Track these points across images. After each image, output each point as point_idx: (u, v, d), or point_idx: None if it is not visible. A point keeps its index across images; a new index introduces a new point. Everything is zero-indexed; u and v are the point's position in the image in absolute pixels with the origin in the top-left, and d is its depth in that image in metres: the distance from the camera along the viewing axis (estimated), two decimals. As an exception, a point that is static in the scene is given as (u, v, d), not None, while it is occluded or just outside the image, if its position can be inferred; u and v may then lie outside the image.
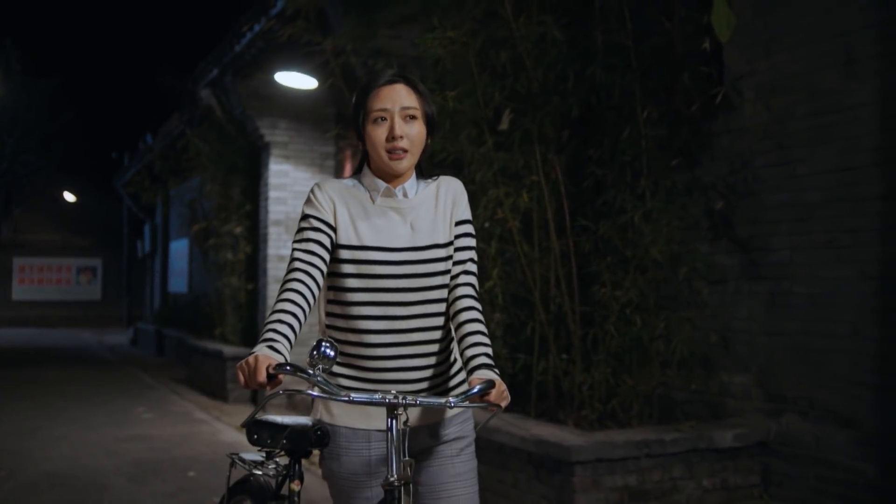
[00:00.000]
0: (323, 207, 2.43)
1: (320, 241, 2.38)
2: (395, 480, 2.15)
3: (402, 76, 2.46)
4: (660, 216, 5.22)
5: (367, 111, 2.41)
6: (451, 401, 2.19)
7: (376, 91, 2.42)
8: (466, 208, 2.56)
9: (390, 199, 2.46)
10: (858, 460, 4.70)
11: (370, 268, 2.40)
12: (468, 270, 2.51)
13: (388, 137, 2.38)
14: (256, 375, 2.08)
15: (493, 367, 2.35)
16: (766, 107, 5.26)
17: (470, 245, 2.54)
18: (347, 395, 2.14)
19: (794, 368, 5.07)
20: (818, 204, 4.93)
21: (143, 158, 18.26)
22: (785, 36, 5.16)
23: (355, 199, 2.46)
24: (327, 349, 2.09)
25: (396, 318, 2.41)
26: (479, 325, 2.43)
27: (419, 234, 2.45)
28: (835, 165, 4.84)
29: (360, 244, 2.40)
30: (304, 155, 10.94)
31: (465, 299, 2.47)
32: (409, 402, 2.16)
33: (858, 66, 4.74)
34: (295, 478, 2.66)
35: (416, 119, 2.42)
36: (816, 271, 4.93)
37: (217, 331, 12.62)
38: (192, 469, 7.06)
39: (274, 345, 2.19)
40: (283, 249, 10.92)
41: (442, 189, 2.53)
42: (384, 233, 2.42)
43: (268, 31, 8.07)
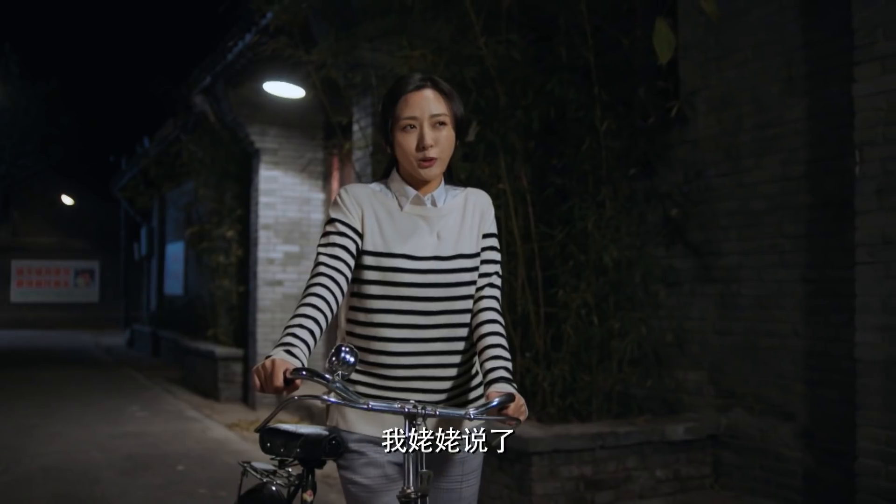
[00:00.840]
0: (350, 212, 2.40)
1: (346, 246, 2.36)
2: (412, 492, 2.13)
3: (430, 80, 2.43)
4: (612, 223, 5.54)
5: (395, 118, 2.39)
6: (471, 412, 2.16)
7: (405, 98, 2.38)
8: (493, 222, 2.55)
9: (419, 207, 2.45)
10: (797, 451, 5.03)
11: (394, 275, 2.38)
12: (493, 284, 2.51)
13: (417, 146, 2.36)
14: (273, 380, 2.04)
15: (512, 382, 2.32)
16: (717, 120, 5.59)
17: (496, 259, 2.53)
18: (366, 402, 2.10)
19: (741, 366, 5.40)
20: (763, 211, 5.26)
21: (140, 163, 18.54)
22: (734, 53, 5.50)
23: (382, 205, 2.43)
24: (347, 355, 2.05)
25: (419, 326, 2.39)
26: (500, 339, 2.41)
27: (445, 243, 2.43)
28: (778, 175, 5.18)
29: (386, 251, 2.38)
30: (293, 161, 11.22)
31: (488, 312, 2.46)
32: (429, 412, 2.13)
33: (797, 83, 5.07)
34: (308, 488, 2.61)
35: (446, 125, 2.40)
36: (761, 275, 5.27)
37: (210, 332, 12.94)
38: (180, 463, 7.38)
39: (291, 349, 2.15)
40: (273, 253, 11.22)
41: (470, 201, 2.52)
42: (411, 240, 2.40)
43: (254, 45, 8.39)
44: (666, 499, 5.30)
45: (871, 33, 4.34)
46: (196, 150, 13.26)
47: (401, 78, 2.46)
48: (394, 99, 2.39)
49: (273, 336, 11.07)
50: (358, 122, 8.28)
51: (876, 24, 4.32)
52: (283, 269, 11.28)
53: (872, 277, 4.31)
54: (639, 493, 5.22)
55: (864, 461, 4.33)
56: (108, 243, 29.24)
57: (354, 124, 8.40)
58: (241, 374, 11.64)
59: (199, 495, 6.30)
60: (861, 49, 4.40)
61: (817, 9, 4.91)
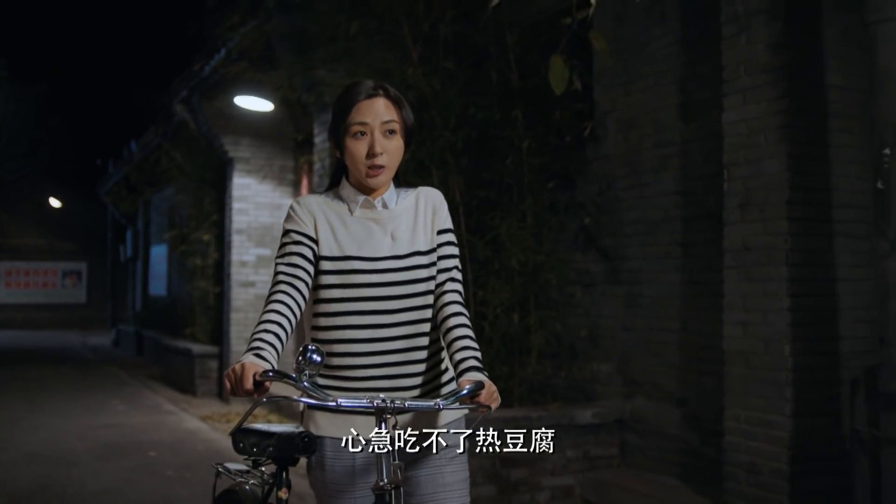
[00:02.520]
0: (303, 221, 2.44)
1: (303, 253, 2.40)
2: (385, 484, 2.15)
3: (381, 87, 2.47)
4: (529, 231, 6.23)
5: (346, 125, 2.42)
6: (441, 403, 2.19)
7: (357, 105, 2.42)
8: (447, 218, 2.58)
9: (369, 211, 2.48)
10: (687, 432, 5.73)
11: (353, 277, 2.41)
12: (454, 278, 2.53)
13: (368, 153, 2.40)
14: (243, 383, 2.07)
15: (482, 370, 2.34)
16: (624, 139, 6.29)
17: (454, 253, 2.56)
18: (335, 400, 2.13)
19: (643, 358, 6.10)
20: (660, 221, 5.95)
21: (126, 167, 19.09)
22: (639, 79, 6.19)
23: (334, 212, 2.47)
24: (313, 354, 2.07)
25: (380, 326, 2.42)
26: (466, 331, 2.44)
27: (400, 243, 2.46)
28: (671, 189, 5.87)
29: (342, 254, 2.42)
30: (265, 169, 11.87)
31: (452, 305, 2.48)
32: (398, 405, 2.15)
33: (688, 108, 5.77)
34: (282, 486, 2.63)
35: (396, 133, 2.45)
36: (658, 277, 5.96)
37: (188, 330, 13.60)
38: (153, 450, 8.06)
39: (260, 352, 2.18)
40: (246, 256, 11.89)
41: (421, 199, 2.55)
42: (365, 243, 2.44)
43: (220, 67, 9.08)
44: (576, 475, 5.98)
45: (736, 70, 5.04)
46: (176, 156, 13.87)
47: (352, 84, 2.49)
48: (346, 105, 2.43)
49: (246, 334, 11.73)
50: (317, 137, 8.97)
51: (739, 61, 5.01)
52: (256, 271, 11.94)
53: (736, 279, 5.01)
54: (550, 470, 5.90)
55: (730, 438, 5.03)
56: (95, 245, 29.61)
57: (315, 138, 9.09)
58: (216, 371, 12.28)
59: (166, 476, 6.98)
60: (728, 83, 5.09)
61: (703, 45, 5.59)
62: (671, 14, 5.91)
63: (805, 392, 4.68)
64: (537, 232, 6.43)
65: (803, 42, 4.81)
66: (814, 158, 4.80)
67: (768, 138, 4.83)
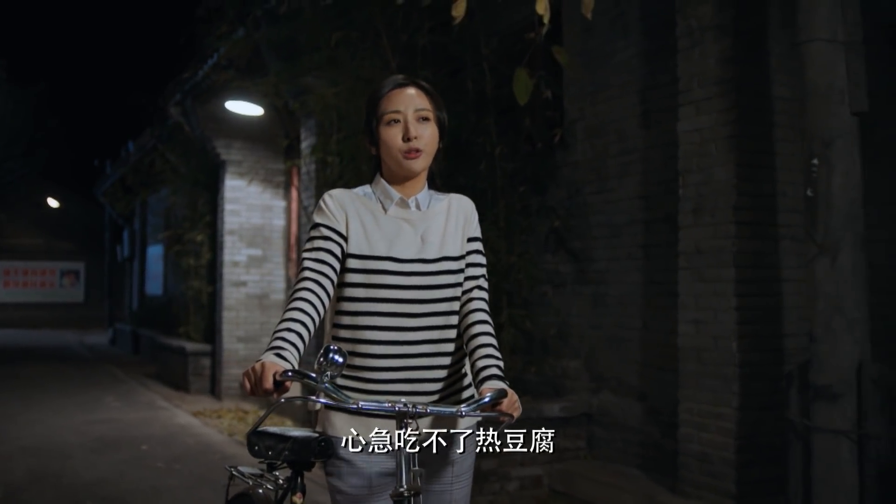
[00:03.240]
0: (334, 216, 2.40)
1: (331, 249, 2.37)
2: (404, 491, 2.12)
3: (413, 81, 2.48)
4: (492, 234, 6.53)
5: (379, 115, 2.42)
6: (463, 409, 2.16)
7: (388, 94, 2.42)
8: (478, 226, 2.56)
9: (403, 210, 2.46)
10: (648, 425, 6.04)
11: (379, 277, 2.37)
12: (481, 286, 2.51)
13: (403, 138, 2.38)
14: (263, 382, 2.03)
15: (504, 380, 2.31)
16: (591, 146, 6.59)
17: (482, 262, 2.54)
18: (356, 402, 2.09)
19: (608, 354, 6.40)
20: (623, 224, 6.26)
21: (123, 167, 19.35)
22: (604, 90, 6.50)
23: (366, 209, 2.44)
24: (335, 355, 2.03)
25: (404, 329, 2.38)
26: (490, 339, 2.41)
27: (429, 246, 2.43)
28: (634, 194, 6.18)
29: (370, 254, 2.38)
30: (257, 172, 12.17)
31: (477, 313, 2.46)
32: (419, 410, 2.12)
33: (650, 116, 6.08)
34: (297, 490, 2.59)
35: (429, 121, 2.43)
36: (623, 278, 6.27)
37: (181, 329, 13.90)
38: (145, 443, 8.37)
39: (281, 352, 2.14)
40: (238, 256, 12.19)
41: (454, 205, 2.53)
42: (395, 243, 2.40)
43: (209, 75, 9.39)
44: (544, 466, 6.29)
45: (689, 81, 5.35)
46: (171, 158, 14.16)
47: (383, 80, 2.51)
48: (377, 98, 2.43)
49: (238, 332, 12.07)
50: (304, 142, 9.28)
51: (692, 74, 5.32)
52: (247, 270, 12.24)
53: (689, 280, 5.32)
54: (520, 461, 6.20)
55: (683, 430, 5.34)
56: (93, 245, 29.82)
57: (302, 143, 9.40)
58: (209, 368, 12.59)
59: (156, 468, 7.29)
60: (682, 94, 5.40)
61: (663, 57, 5.89)
62: (633, 27, 6.22)
63: (751, 386, 4.98)
64: (509, 234, 6.73)
65: (751, 57, 5.12)
66: (760, 166, 5.10)
67: (718, 147, 5.13)
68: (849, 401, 4.01)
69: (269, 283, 12.33)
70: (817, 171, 4.10)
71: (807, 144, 4.18)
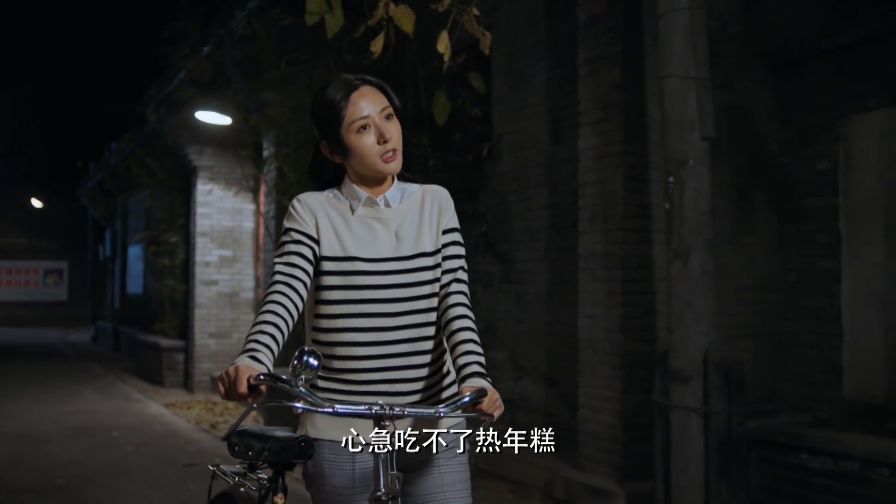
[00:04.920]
0: (304, 220, 2.36)
1: (302, 253, 2.32)
2: (382, 494, 2.10)
3: (363, 79, 2.43)
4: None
5: (346, 123, 2.34)
6: (441, 410, 2.12)
7: (348, 100, 2.34)
8: (453, 216, 2.50)
9: (371, 209, 2.41)
10: (560, 409, 6.77)
11: (355, 278, 2.34)
12: (459, 279, 2.45)
13: (379, 141, 2.33)
14: (237, 386, 1.99)
15: (486, 376, 2.28)
16: (514, 158, 7.32)
17: (460, 254, 2.48)
18: (332, 406, 2.05)
19: (528, 346, 7.14)
20: (540, 229, 6.99)
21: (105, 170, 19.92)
22: (526, 107, 7.23)
23: (336, 210, 2.40)
24: (310, 358, 2.00)
25: (383, 329, 2.34)
26: (471, 334, 2.36)
27: (404, 243, 2.38)
28: (548, 202, 6.91)
29: (344, 255, 2.34)
30: (227, 176, 12.87)
31: (457, 307, 2.40)
32: (397, 412, 2.08)
33: (562, 133, 6.81)
34: (278, 491, 2.57)
35: (393, 117, 2.39)
36: (539, 277, 7.00)
37: (157, 326, 14.60)
38: (116, 430, 9.10)
39: (256, 355, 2.10)
40: (209, 256, 12.90)
41: (427, 197, 2.47)
42: (368, 243, 2.36)
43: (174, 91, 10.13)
44: (470, 446, 7.02)
45: (588, 104, 6.08)
46: (149, 162, 14.83)
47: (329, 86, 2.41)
48: (336, 105, 2.35)
49: (209, 329, 12.78)
50: (266, 150, 10.01)
51: (590, 97, 6.05)
52: (218, 270, 12.95)
53: (586, 280, 6.05)
54: (448, 441, 6.92)
55: (582, 411, 6.08)
56: (75, 244, 30.31)
57: (264, 151, 10.12)
58: (182, 363, 13.29)
59: (125, 451, 8.01)
60: (582, 115, 6.13)
61: (572, 80, 6.61)
62: (549, 53, 6.95)
63: (634, 373, 5.72)
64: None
65: (635, 84, 5.85)
66: (643, 180, 5.84)
67: (610, 163, 5.87)
68: (697, 383, 4.75)
69: (238, 282, 13.04)
70: (673, 187, 4.83)
71: (665, 164, 4.92)
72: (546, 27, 7.00)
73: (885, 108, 5.68)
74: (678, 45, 4.83)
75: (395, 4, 5.16)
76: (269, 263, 10.91)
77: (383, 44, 5.37)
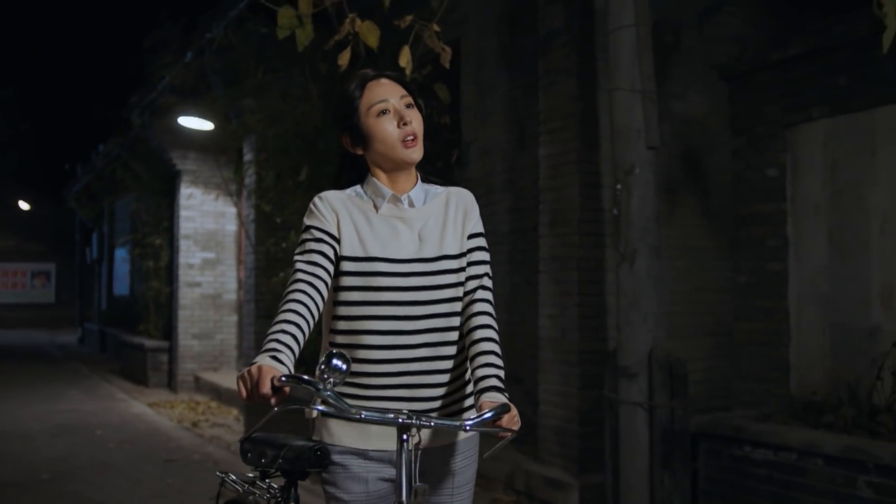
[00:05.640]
0: (325, 218, 2.30)
1: (323, 251, 2.27)
2: None
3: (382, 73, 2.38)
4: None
5: (364, 109, 2.31)
6: (467, 424, 2.07)
7: (367, 86, 2.32)
8: (479, 221, 2.46)
9: (395, 209, 2.36)
10: (524, 405, 7.05)
11: (376, 280, 2.27)
12: (484, 286, 2.41)
13: (399, 125, 2.29)
14: (260, 387, 1.91)
15: (504, 391, 2.25)
16: (482, 164, 7.61)
17: (485, 259, 2.43)
18: (359, 412, 1.98)
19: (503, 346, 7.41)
20: (506, 233, 7.28)
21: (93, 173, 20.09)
22: (492, 116, 7.52)
23: (358, 209, 2.34)
24: (338, 361, 1.93)
25: (403, 332, 2.28)
26: (492, 345, 2.33)
27: (427, 245, 2.33)
28: (514, 207, 7.20)
29: (365, 255, 2.28)
30: (210, 180, 13.13)
31: (480, 316, 2.37)
32: (423, 422, 2.04)
33: (526, 140, 7.10)
34: (290, 500, 2.50)
35: (413, 107, 2.36)
36: (506, 279, 7.29)
37: (141, 327, 14.86)
38: (99, 428, 9.36)
39: (277, 355, 2.04)
40: (192, 259, 13.16)
41: (452, 200, 2.44)
42: (390, 243, 2.30)
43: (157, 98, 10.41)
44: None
45: (547, 114, 6.37)
46: (135, 166, 15.08)
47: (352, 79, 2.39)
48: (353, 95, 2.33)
49: (192, 330, 13.04)
50: (247, 155, 10.29)
51: (550, 107, 6.34)
52: (201, 272, 13.21)
53: (546, 282, 6.35)
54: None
55: (543, 407, 6.37)
56: (63, 247, 30.46)
57: (245, 156, 10.40)
58: (166, 363, 13.55)
59: (107, 448, 8.27)
60: (543, 124, 6.43)
61: (535, 90, 6.90)
62: (513, 63, 7.24)
63: (589, 370, 6.02)
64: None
65: (591, 95, 6.14)
66: (599, 186, 6.13)
67: (567, 170, 6.17)
68: (643, 378, 5.04)
69: (221, 283, 13.31)
70: (620, 193, 5.13)
71: (614, 172, 5.21)
72: (510, 39, 7.30)
73: (828, 118, 5.99)
74: (625, 60, 5.12)
75: (361, 20, 5.40)
76: (249, 266, 11.18)
77: (354, 56, 5.63)
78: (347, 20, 5.39)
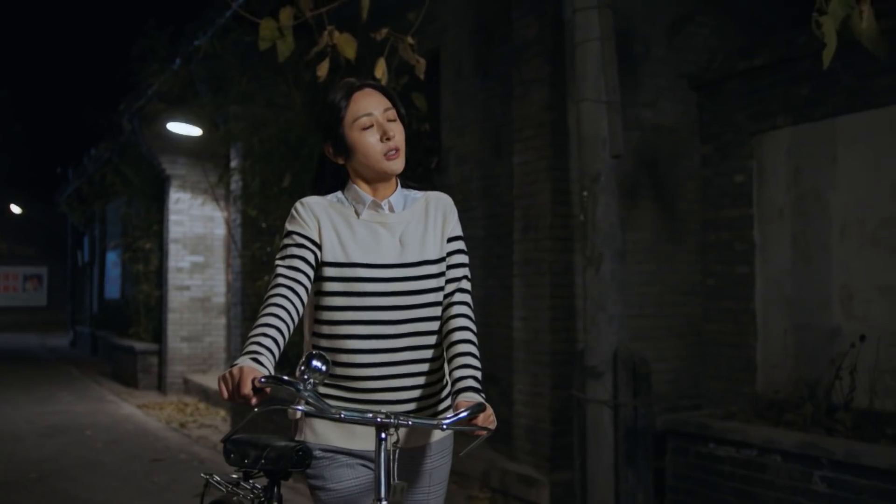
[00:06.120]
0: (307, 224, 2.34)
1: (304, 257, 2.30)
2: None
3: (366, 83, 2.42)
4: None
5: (348, 121, 2.34)
6: (444, 423, 2.12)
7: (353, 98, 2.36)
8: (457, 224, 2.50)
9: (376, 214, 2.40)
10: (500, 405, 7.25)
11: (358, 285, 2.31)
12: (463, 288, 2.46)
13: (382, 139, 2.33)
14: (241, 388, 1.97)
15: (481, 391, 2.30)
16: (460, 171, 7.81)
17: (464, 262, 2.48)
18: (338, 412, 2.03)
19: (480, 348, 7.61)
20: (483, 238, 7.48)
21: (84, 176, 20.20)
22: (470, 124, 7.72)
23: (340, 215, 2.38)
24: (317, 362, 1.98)
25: (385, 336, 2.33)
26: (469, 346, 2.38)
27: (408, 249, 2.37)
28: (490, 213, 7.41)
29: (347, 261, 2.32)
30: (199, 185, 13.31)
31: (459, 318, 2.42)
32: (401, 422, 2.08)
33: (502, 148, 7.31)
34: (273, 500, 2.53)
35: (396, 121, 2.39)
36: (483, 283, 7.49)
37: (132, 330, 15.02)
38: (89, 429, 9.53)
39: (258, 357, 2.09)
40: (181, 262, 13.34)
41: (431, 204, 2.48)
42: (372, 249, 2.34)
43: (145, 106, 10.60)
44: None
45: (521, 123, 6.57)
46: (125, 171, 15.24)
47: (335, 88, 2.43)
48: (338, 105, 2.36)
49: (181, 333, 13.21)
50: (234, 160, 10.48)
51: (523, 116, 6.55)
52: (190, 276, 13.39)
53: (520, 285, 6.55)
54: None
55: (517, 407, 6.57)
56: (55, 250, 30.58)
57: (232, 161, 10.59)
58: (156, 366, 13.72)
59: (96, 448, 8.45)
60: (517, 132, 6.63)
61: (510, 100, 7.11)
62: (490, 73, 7.44)
63: (560, 370, 6.22)
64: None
65: (562, 104, 6.35)
66: (570, 192, 6.34)
67: (539, 177, 6.37)
68: (608, 378, 5.24)
69: (210, 287, 13.48)
70: (587, 200, 5.33)
71: (580, 180, 5.42)
72: (487, 49, 7.50)
73: (792, 127, 6.20)
74: (591, 72, 5.32)
75: (340, 32, 5.60)
76: (236, 270, 11.37)
77: (333, 66, 5.83)
78: (326, 32, 5.59)
